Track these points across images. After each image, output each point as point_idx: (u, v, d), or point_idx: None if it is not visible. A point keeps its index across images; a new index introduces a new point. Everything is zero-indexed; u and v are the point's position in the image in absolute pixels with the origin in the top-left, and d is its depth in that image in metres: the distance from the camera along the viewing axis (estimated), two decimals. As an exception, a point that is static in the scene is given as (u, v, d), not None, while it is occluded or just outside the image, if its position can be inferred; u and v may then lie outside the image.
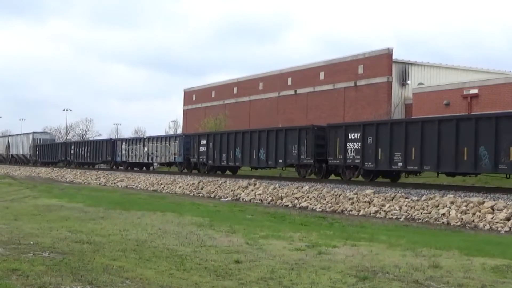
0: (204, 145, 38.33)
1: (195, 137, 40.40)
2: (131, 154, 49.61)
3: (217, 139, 37.17)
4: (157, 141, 45.56)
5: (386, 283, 8.29)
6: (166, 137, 45.17)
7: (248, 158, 33.97)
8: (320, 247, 11.56)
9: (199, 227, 14.82)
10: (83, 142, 64.31)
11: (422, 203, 20.90)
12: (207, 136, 38.76)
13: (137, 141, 49.65)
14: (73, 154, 62.01)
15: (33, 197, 26.20)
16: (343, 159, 27.39)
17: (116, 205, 22.01)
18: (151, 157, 46.28)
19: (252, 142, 33.54)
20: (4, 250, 10.16)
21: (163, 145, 44.14)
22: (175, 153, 42.44)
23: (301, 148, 29.95)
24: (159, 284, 7.85)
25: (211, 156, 37.64)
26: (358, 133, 26.56)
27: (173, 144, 42.84)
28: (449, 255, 10.97)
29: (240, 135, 35.10)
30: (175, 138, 43.57)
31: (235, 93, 68.18)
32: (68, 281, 7.72)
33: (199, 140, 39.08)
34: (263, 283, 8.13)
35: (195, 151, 39.40)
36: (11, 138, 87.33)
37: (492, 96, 38.87)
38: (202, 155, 38.68)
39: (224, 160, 36.30)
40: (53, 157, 67.25)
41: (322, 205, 24.55)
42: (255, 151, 33.28)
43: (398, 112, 47.63)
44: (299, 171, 31.00)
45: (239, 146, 34.66)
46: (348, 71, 51.99)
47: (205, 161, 38.53)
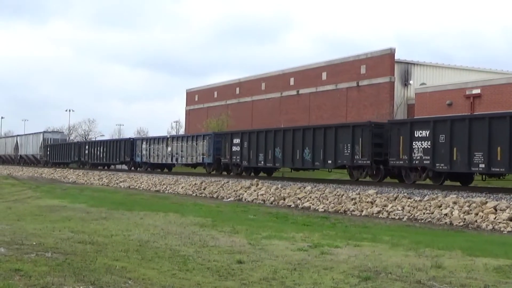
0: (237, 145, 35.25)
1: (227, 136, 37.11)
2: (153, 155, 46.71)
3: (253, 138, 34.08)
4: (182, 141, 42.76)
5: (389, 283, 8.28)
6: (193, 136, 42.04)
7: (290, 159, 30.88)
8: (323, 247, 11.55)
9: (202, 227, 14.83)
10: (99, 142, 60.70)
11: (424, 203, 20.88)
12: (242, 135, 35.41)
13: (160, 140, 46.20)
14: (87, 155, 59.08)
15: (36, 198, 26.24)
16: (407, 160, 24.37)
17: (119, 205, 22.03)
18: (176, 157, 43.29)
19: (295, 141, 30.46)
20: (7, 250, 10.17)
21: (190, 145, 41.27)
22: (203, 153, 39.53)
23: (355, 148, 26.87)
24: (162, 284, 7.85)
25: (245, 156, 34.47)
26: (427, 131, 23.70)
27: (201, 143, 39.88)
28: (452, 255, 10.96)
29: (280, 133, 32.05)
30: (203, 137, 40.35)
31: (237, 93, 68.20)
32: (70, 282, 7.73)
33: (232, 139, 35.89)
34: (266, 283, 8.13)
35: (227, 151, 36.23)
36: (20, 138, 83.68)
37: (494, 96, 38.85)
38: (235, 155, 35.55)
39: (262, 160, 33.12)
40: (65, 157, 64.37)
41: (324, 205, 24.54)
42: (298, 151, 30.19)
43: (400, 113, 47.61)
44: (352, 173, 28.14)
45: (280, 145, 31.60)
46: (351, 71, 51.98)
47: (238, 161, 35.36)
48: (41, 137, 74.33)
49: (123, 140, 54.17)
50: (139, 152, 48.79)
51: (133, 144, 50.21)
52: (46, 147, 71.17)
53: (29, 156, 77.85)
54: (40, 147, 73.34)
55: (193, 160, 41.17)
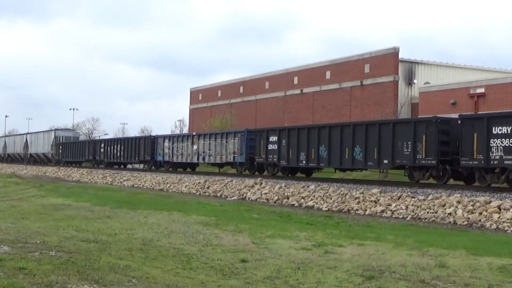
0: (274, 143, 32.48)
1: (262, 133, 34.19)
2: (176, 153, 43.88)
3: (293, 135, 31.22)
4: (210, 138, 39.93)
5: (393, 282, 8.27)
6: (222, 134, 39.08)
7: (338, 158, 28.02)
8: (326, 246, 11.55)
9: (205, 226, 14.84)
10: (116, 140, 56.86)
11: (428, 203, 20.86)
12: (280, 132, 32.54)
13: (184, 138, 43.58)
14: (103, 153, 56.16)
15: (40, 196, 26.28)
16: (484, 160, 21.67)
17: (123, 204, 22.06)
18: (202, 156, 40.55)
19: (344, 139, 27.65)
20: (11, 249, 10.19)
21: (219, 143, 38.52)
22: (234, 151, 36.66)
23: (418, 146, 24.14)
24: (165, 283, 7.86)
25: (284, 155, 31.70)
26: (509, 126, 21.04)
27: (232, 141, 37.12)
28: (456, 254, 10.95)
29: (326, 130, 29.08)
30: (234, 134, 37.39)
31: (241, 92, 68.16)
32: (74, 280, 7.74)
33: (268, 137, 33.07)
34: (269, 282, 8.13)
35: (263, 149, 33.46)
36: (30, 136, 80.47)
37: (499, 95, 38.72)
38: (272, 154, 32.77)
39: (304, 160, 30.29)
40: (79, 156, 61.74)
41: (328, 204, 24.53)
42: (347, 150, 27.39)
43: (404, 112, 47.52)
44: (412, 174, 25.24)
45: (325, 143, 28.77)
46: (354, 71, 51.90)
47: (275, 161, 32.61)
48: (52, 135, 71.80)
49: (143, 137, 51.02)
50: (161, 151, 46.04)
51: (154, 142, 47.35)
52: (58, 145, 68.72)
53: (39, 154, 75.63)
54: (52, 145, 70.94)
55: (223, 159, 38.44)
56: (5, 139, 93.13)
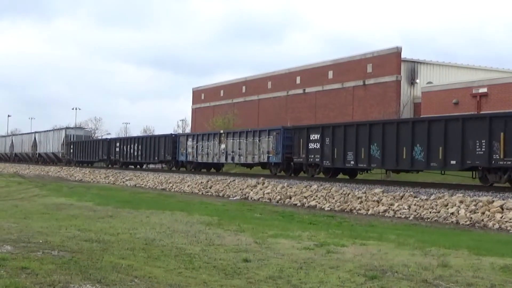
0: (316, 141, 29.81)
1: (301, 131, 31.54)
2: (201, 153, 41.05)
3: (339, 133, 28.51)
4: (240, 136, 37.01)
5: (395, 282, 8.27)
6: (254, 132, 36.00)
7: (394, 158, 25.36)
8: (329, 246, 11.55)
9: (208, 226, 14.84)
10: (133, 139, 53.59)
11: (431, 202, 20.85)
12: (322, 130, 29.82)
13: (211, 136, 40.47)
14: (118, 153, 53.38)
15: (42, 196, 26.32)
16: None
17: (125, 203, 22.08)
18: (231, 156, 37.75)
19: (401, 137, 25.07)
20: (13, 248, 10.20)
21: (250, 142, 35.72)
22: (268, 151, 33.96)
23: (494, 145, 21.56)
24: (168, 282, 7.85)
25: (328, 155, 29.06)
26: None
27: (265, 140, 34.28)
28: (458, 254, 10.94)
29: (379, 128, 26.41)
30: (268, 132, 34.41)
31: (243, 92, 68.20)
32: (77, 280, 7.74)
33: (309, 135, 30.42)
34: (272, 282, 8.12)
35: (302, 148, 30.90)
36: (39, 135, 77.30)
37: (501, 95, 38.70)
38: (313, 154, 30.12)
39: (351, 160, 27.64)
40: (91, 155, 58.98)
41: (330, 204, 24.52)
42: (405, 149, 24.76)
43: (406, 111, 47.50)
44: (486, 177, 22.70)
45: (378, 141, 26.17)
46: (357, 70, 51.90)
47: (317, 161, 29.96)
48: (63, 133, 68.85)
49: (163, 136, 47.72)
50: (184, 150, 43.15)
51: (176, 140, 44.59)
52: (69, 145, 65.82)
53: (49, 154, 72.83)
54: (62, 144, 67.96)
55: (255, 159, 35.59)
56: (12, 138, 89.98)
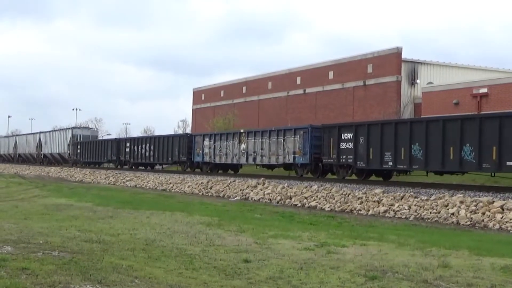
0: (349, 141, 27.93)
1: (332, 130, 29.35)
2: (219, 153, 38.97)
3: (375, 132, 26.52)
4: (262, 136, 34.80)
5: (395, 282, 8.26)
6: (279, 131, 33.93)
7: (439, 159, 23.36)
8: (329, 246, 11.54)
9: (208, 226, 14.84)
10: (145, 138, 51.58)
11: (431, 203, 20.84)
12: (356, 128, 27.87)
13: (230, 136, 38.45)
14: (128, 153, 51.36)
15: (43, 196, 26.31)
16: None
17: (125, 204, 22.08)
18: (253, 156, 35.50)
19: (448, 136, 23.11)
20: (14, 249, 10.19)
21: (274, 141, 33.61)
22: (295, 151, 31.89)
23: None
24: (168, 283, 7.85)
25: (362, 155, 27.15)
26: None
27: (291, 139, 32.18)
28: (459, 254, 10.93)
29: (421, 126, 24.47)
30: (294, 131, 32.41)
31: (244, 92, 68.22)
32: (77, 280, 7.74)
33: (340, 134, 28.46)
34: (272, 282, 8.12)
35: (333, 148, 28.85)
36: (44, 135, 75.33)
37: (502, 95, 38.70)
38: (345, 154, 28.14)
39: (390, 161, 25.63)
40: (100, 156, 56.99)
41: (331, 205, 24.52)
42: (452, 149, 22.86)
43: (407, 112, 47.51)
44: None
45: (420, 141, 24.21)
46: (357, 71, 51.91)
47: (351, 162, 27.98)
48: (69, 133, 66.79)
49: (178, 136, 46.22)
50: (200, 151, 41.11)
51: (192, 140, 42.55)
52: (75, 145, 63.71)
53: (54, 155, 70.79)
54: (68, 144, 65.87)
55: (279, 160, 33.43)
56: (15, 138, 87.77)
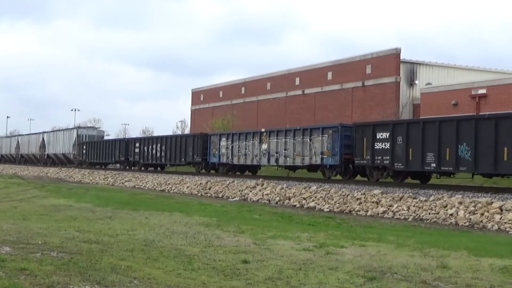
0: (384, 140, 25.96)
1: (365, 129, 27.36)
2: (238, 154, 37.00)
3: (416, 131, 24.58)
4: (286, 135, 32.83)
5: (394, 283, 8.27)
6: (305, 130, 31.73)
7: (491, 160, 21.50)
8: (328, 247, 11.55)
9: (207, 227, 14.84)
10: (156, 138, 49.18)
11: (430, 204, 20.85)
12: (394, 127, 25.79)
13: (249, 135, 36.28)
14: (138, 154, 49.48)
15: (41, 197, 26.29)
16: None
17: (124, 205, 22.06)
18: (275, 157, 33.47)
19: (501, 135, 21.23)
20: (12, 249, 10.19)
21: (299, 141, 31.48)
22: (322, 152, 29.81)
23: None
24: (167, 283, 7.85)
25: (401, 156, 25.15)
26: None
27: (318, 139, 30.10)
28: (457, 255, 10.94)
29: (470, 124, 22.52)
30: (322, 130, 30.19)
31: (242, 93, 68.23)
32: (76, 281, 7.74)
33: (375, 133, 26.50)
34: (271, 283, 8.12)
35: (366, 149, 26.92)
36: (47, 135, 73.22)
37: (500, 96, 38.74)
38: (380, 155, 26.18)
39: (433, 163, 23.66)
40: (107, 157, 55.24)
41: (329, 205, 24.51)
42: (506, 150, 20.97)
43: (406, 112, 47.53)
44: None
45: (468, 141, 22.40)
46: (356, 71, 51.94)
47: (387, 163, 25.91)
48: (74, 133, 64.97)
49: (192, 135, 44.02)
50: (216, 151, 39.17)
51: (207, 140, 40.48)
52: (81, 145, 61.94)
53: (58, 155, 68.77)
54: (74, 145, 64.09)
55: (305, 161, 31.26)
56: (18, 138, 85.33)
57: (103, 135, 70.25)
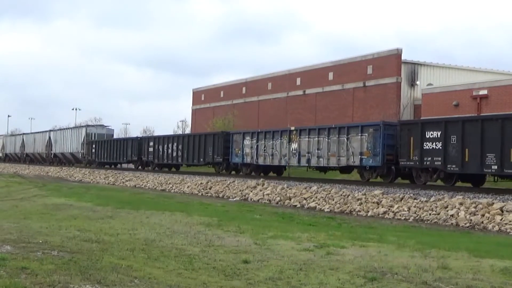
0: (435, 140, 23.66)
1: (413, 127, 25.07)
2: (263, 153, 34.77)
3: (473, 130, 22.36)
4: (319, 134, 30.40)
5: (395, 284, 8.26)
6: (341, 128, 29.30)
7: None
8: (329, 247, 11.55)
9: (208, 227, 14.84)
10: (172, 137, 46.73)
11: (431, 204, 20.84)
12: (446, 125, 23.43)
13: (277, 134, 33.93)
14: (152, 153, 47.43)
15: (42, 196, 26.30)
16: None
17: (125, 204, 22.06)
18: (306, 157, 31.11)
19: None
20: (13, 248, 10.20)
21: (335, 140, 29.16)
22: (362, 152, 27.56)
23: None
24: (168, 283, 7.85)
25: (454, 157, 22.84)
26: None
27: (357, 138, 27.87)
28: (458, 256, 10.94)
29: None
30: (361, 128, 27.91)
31: (243, 93, 68.20)
32: (77, 280, 7.74)
33: (423, 132, 24.20)
34: (272, 283, 8.12)
35: (413, 149, 24.65)
36: (54, 133, 70.93)
37: (502, 97, 38.70)
38: (430, 156, 23.88)
39: (493, 164, 21.42)
40: (118, 156, 53.18)
41: (330, 206, 24.51)
42: None
43: (407, 113, 47.50)
44: None
45: None
46: (357, 72, 51.91)
47: (439, 165, 23.61)
48: (83, 132, 62.95)
49: (212, 134, 41.41)
50: (239, 151, 36.93)
51: (229, 139, 38.15)
52: (90, 144, 59.95)
53: (66, 154, 66.69)
54: (82, 143, 62.08)
55: (341, 161, 28.99)
56: (23, 137, 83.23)
57: (113, 133, 68.12)
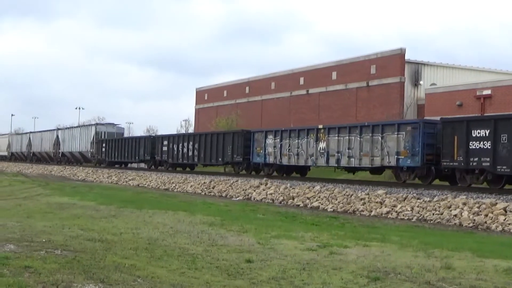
0: (482, 139, 21.80)
1: (457, 126, 23.11)
2: (288, 153, 32.91)
3: None
4: (350, 132, 28.50)
5: (398, 284, 8.25)
6: (375, 126, 27.39)
7: None
8: (332, 247, 11.54)
9: (211, 226, 14.84)
10: (187, 136, 45.41)
11: (434, 204, 20.81)
12: (496, 123, 21.59)
13: (302, 132, 32.06)
14: (166, 152, 45.71)
15: (46, 195, 26.34)
16: None
17: (128, 203, 22.08)
18: (336, 157, 29.22)
19: None
20: (16, 247, 10.21)
21: (368, 139, 27.31)
22: (398, 151, 25.72)
23: None
24: (171, 282, 7.86)
25: (505, 158, 21.16)
26: None
27: (393, 136, 25.99)
28: (461, 256, 10.92)
29: None
30: (398, 126, 26.00)
31: (247, 92, 68.17)
32: (80, 279, 7.74)
33: (469, 130, 22.31)
34: (275, 282, 8.12)
35: (457, 149, 22.80)
36: (62, 132, 69.75)
37: (505, 97, 38.59)
38: (477, 156, 22.07)
39: None
40: (130, 155, 51.69)
41: (333, 205, 24.50)
42: None
43: (410, 113, 47.44)
44: None
45: None
46: (360, 71, 51.83)
47: (486, 166, 21.83)
48: (92, 130, 61.77)
49: (231, 132, 39.45)
50: (261, 150, 35.13)
51: (250, 138, 36.34)
52: (100, 143, 58.41)
53: (74, 153, 65.71)
54: (92, 142, 60.74)
55: (375, 162, 27.12)
56: (29, 135, 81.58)
57: (123, 132, 66.74)
